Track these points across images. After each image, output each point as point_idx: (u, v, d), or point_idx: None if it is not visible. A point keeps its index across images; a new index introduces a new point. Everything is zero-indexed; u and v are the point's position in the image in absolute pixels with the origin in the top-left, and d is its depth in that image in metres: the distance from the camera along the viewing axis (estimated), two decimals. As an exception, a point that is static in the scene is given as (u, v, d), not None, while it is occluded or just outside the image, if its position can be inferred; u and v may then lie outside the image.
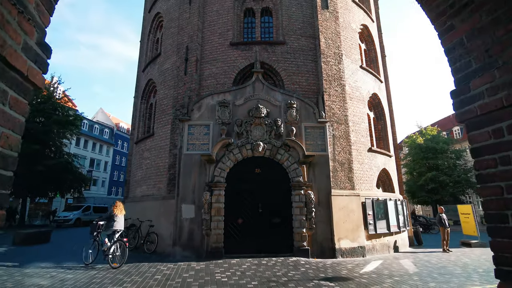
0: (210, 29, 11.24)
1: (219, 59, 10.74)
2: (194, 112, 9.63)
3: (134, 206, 10.99)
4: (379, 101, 12.54)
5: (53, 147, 23.12)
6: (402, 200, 11.51)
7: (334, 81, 10.41)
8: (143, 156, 11.44)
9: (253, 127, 9.30)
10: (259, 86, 9.88)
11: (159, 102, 11.47)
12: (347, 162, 9.70)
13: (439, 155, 28.19)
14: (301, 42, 10.91)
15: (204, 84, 10.56)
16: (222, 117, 9.39)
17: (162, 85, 11.56)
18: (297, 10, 11.27)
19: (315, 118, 9.63)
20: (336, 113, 10.07)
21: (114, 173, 45.26)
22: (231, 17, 11.24)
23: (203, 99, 9.77)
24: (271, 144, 9.22)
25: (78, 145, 38.04)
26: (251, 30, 11.63)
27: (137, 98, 13.73)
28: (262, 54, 10.60)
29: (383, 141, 12.36)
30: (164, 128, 10.68)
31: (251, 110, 9.39)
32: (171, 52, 11.58)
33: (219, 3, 11.51)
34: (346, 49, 11.25)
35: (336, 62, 10.66)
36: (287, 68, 10.54)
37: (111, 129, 46.02)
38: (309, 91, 10.31)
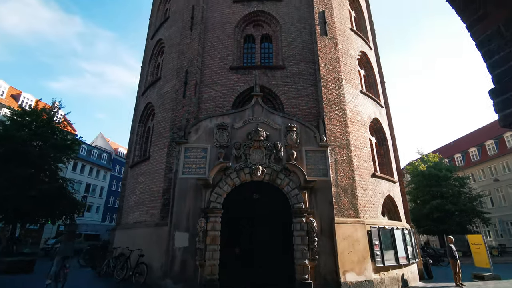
0: (210, 53, 11.35)
1: (219, 83, 10.71)
2: (191, 135, 9.37)
3: (125, 234, 10.36)
4: (380, 126, 12.36)
5: (48, 172, 22.61)
6: (410, 229, 10.89)
7: (335, 105, 10.28)
8: (138, 180, 11.01)
9: (252, 151, 8.98)
10: (258, 109, 9.72)
11: (157, 125, 11.28)
12: (350, 188, 9.27)
13: (442, 182, 27.63)
14: (300, 67, 10.95)
15: (202, 107, 10.43)
16: (220, 140, 9.11)
17: (160, 108, 11.44)
18: (296, 37, 11.45)
19: (316, 142, 9.35)
20: (337, 137, 9.81)
21: (110, 199, 44.19)
22: (231, 43, 11.39)
23: (201, 121, 9.56)
24: (270, 168, 8.85)
25: (74, 169, 37.48)
26: (251, 55, 11.75)
27: (135, 121, 13.57)
28: (262, 78, 10.58)
29: (386, 166, 12.00)
30: (160, 152, 10.37)
31: (250, 133, 9.13)
32: (170, 76, 11.60)
33: (219, 30, 11.73)
34: (346, 74, 11.27)
35: (336, 87, 10.61)
36: (287, 92, 10.46)
37: (110, 154, 45.71)
38: (309, 115, 10.14)
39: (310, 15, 11.78)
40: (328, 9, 12.00)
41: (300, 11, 11.98)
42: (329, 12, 11.96)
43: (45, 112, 22.75)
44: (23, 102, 32.56)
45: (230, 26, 11.72)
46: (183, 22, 12.20)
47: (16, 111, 22.08)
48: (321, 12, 11.75)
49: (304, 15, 11.90)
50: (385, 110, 13.67)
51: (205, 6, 12.18)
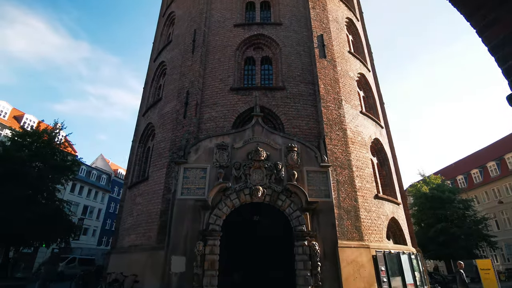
0: (211, 75, 11.52)
1: (219, 103, 10.77)
2: (191, 155, 9.26)
3: (120, 258, 9.95)
4: (381, 147, 12.28)
5: (46, 193, 22.26)
6: (416, 254, 10.46)
7: (335, 125, 10.27)
8: (135, 201, 10.75)
9: (252, 171, 8.83)
10: (258, 129, 9.68)
11: (156, 145, 11.21)
12: (353, 209, 9.01)
13: (446, 205, 27.07)
14: (300, 88, 11.06)
15: (203, 128, 10.41)
16: (220, 160, 8.99)
17: (160, 128, 11.43)
18: (296, 59, 11.68)
19: (317, 162, 9.22)
20: (338, 158, 9.69)
21: (107, 221, 43.26)
22: (232, 65, 11.60)
23: (201, 141, 9.49)
24: (271, 189, 8.64)
25: (73, 191, 37.00)
26: (251, 77, 11.93)
27: (135, 142, 13.52)
28: (262, 98, 10.65)
29: (389, 188, 11.76)
30: (159, 172, 10.21)
31: (250, 153, 9.03)
32: (172, 96, 11.70)
33: (221, 52, 11.99)
34: (345, 95, 11.36)
35: (336, 107, 10.66)
36: (287, 112, 10.49)
37: (109, 175, 45.37)
38: (310, 135, 10.09)
39: (309, 39, 12.09)
40: (326, 32, 12.34)
41: (299, 34, 12.32)
42: (327, 35, 12.29)
43: (46, 133, 22.82)
44: (25, 123, 32.80)
45: (231, 48, 12.00)
46: (185, 45, 12.51)
47: (17, 132, 22.16)
48: (319, 36, 12.07)
49: (303, 39, 12.22)
50: (386, 131, 13.65)
51: (207, 30, 12.55)
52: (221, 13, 13.17)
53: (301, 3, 13.20)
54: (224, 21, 12.87)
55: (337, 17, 13.71)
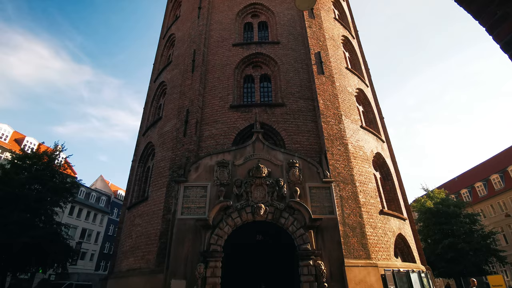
0: (211, 93, 11.61)
1: (219, 121, 10.76)
2: (191, 173, 9.12)
3: (117, 283, 9.55)
4: (383, 161, 12.14)
5: (44, 216, 21.84)
6: (426, 272, 10.05)
7: (336, 140, 10.20)
8: (134, 222, 10.48)
9: (253, 188, 8.65)
10: (259, 145, 9.60)
11: (156, 164, 11.08)
12: (358, 226, 8.74)
13: (452, 219, 26.46)
14: (300, 104, 11.10)
15: (203, 145, 10.34)
16: (220, 178, 8.83)
17: (160, 147, 11.36)
18: (294, 76, 11.81)
19: (319, 178, 9.06)
20: (341, 173, 9.54)
21: (106, 245, 42.20)
22: (232, 83, 11.71)
23: (201, 159, 9.38)
24: (273, 206, 8.43)
25: (71, 214, 36.39)
26: (250, 94, 12.01)
27: (135, 161, 13.41)
28: (262, 115, 10.66)
29: (394, 203, 11.51)
30: (159, 191, 10.02)
31: (251, 170, 8.89)
32: (172, 115, 11.73)
33: (220, 71, 12.15)
34: (345, 110, 11.38)
35: (336, 122, 10.64)
36: (287, 128, 10.46)
37: (108, 196, 44.82)
38: (311, 151, 10.00)
39: (307, 56, 12.29)
40: (323, 50, 12.56)
41: (296, 52, 12.54)
42: (325, 52, 12.50)
43: (46, 155, 22.75)
44: (26, 146, 32.83)
45: (230, 67, 12.17)
46: (185, 65, 12.70)
47: (17, 155, 22.09)
48: (317, 53, 12.28)
49: (300, 56, 12.43)
50: (387, 145, 13.57)
51: (206, 50, 12.79)
52: (219, 34, 13.48)
53: (298, 22, 13.55)
54: (222, 41, 13.16)
55: (333, 35, 14.02)
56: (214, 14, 14.37)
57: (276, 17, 13.82)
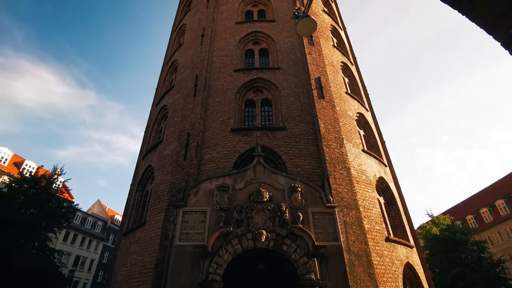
0: (212, 117, 11.66)
1: (220, 144, 10.70)
2: (190, 198, 8.89)
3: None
4: (387, 186, 11.91)
5: (37, 242, 21.12)
6: (437, 304, 9.46)
7: (338, 164, 10.06)
8: (130, 249, 10.05)
9: (254, 213, 8.37)
10: (260, 169, 9.45)
11: (155, 188, 10.86)
12: (364, 254, 8.34)
13: (459, 247, 25.54)
14: (301, 128, 11.10)
15: (203, 169, 10.19)
16: (220, 203, 8.58)
17: (160, 170, 11.20)
18: (295, 100, 11.93)
19: (322, 202, 8.81)
20: (344, 197, 9.30)
21: (99, 273, 40.52)
22: (233, 107, 11.81)
23: (201, 183, 9.19)
24: (275, 232, 8.11)
25: (65, 240, 35.32)
26: (251, 118, 12.06)
27: (134, 185, 13.17)
28: (263, 138, 10.62)
29: (400, 229, 11.12)
30: (157, 217, 9.71)
31: (252, 194, 8.67)
32: (172, 138, 11.69)
33: (221, 95, 12.30)
34: (346, 134, 11.35)
35: (338, 146, 10.56)
36: (289, 152, 10.36)
37: (105, 222, 43.76)
38: (313, 174, 9.83)
39: (307, 81, 12.50)
40: (323, 75, 12.80)
41: (297, 77, 12.78)
42: (325, 78, 12.73)
43: (44, 178, 22.50)
44: (24, 169, 32.60)
45: (231, 92, 12.34)
46: (187, 89, 12.89)
47: (15, 178, 21.85)
48: (317, 78, 12.50)
49: (301, 81, 12.64)
50: (389, 169, 13.39)
51: (208, 75, 13.04)
52: (221, 60, 13.83)
53: (298, 49, 13.95)
54: (224, 67, 13.46)
55: (333, 61, 14.38)
56: (216, 41, 14.85)
57: (276, 44, 14.26)
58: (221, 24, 15.77)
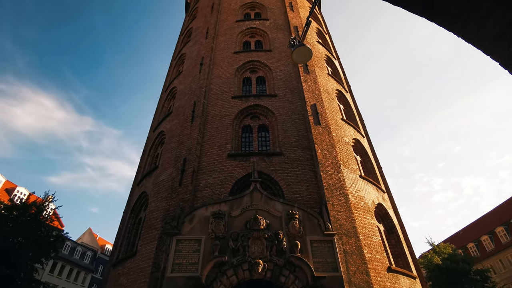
0: (209, 142, 11.65)
1: (216, 170, 10.59)
2: (185, 225, 8.60)
3: None
4: (386, 212, 11.70)
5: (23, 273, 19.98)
6: None
7: (336, 190, 9.93)
8: (118, 282, 9.51)
9: (251, 242, 8.07)
10: (257, 195, 9.27)
11: (149, 215, 10.54)
12: (366, 285, 7.96)
13: (462, 277, 24.67)
14: (297, 153, 11.09)
15: (199, 195, 9.98)
16: (215, 230, 8.30)
17: (154, 197, 10.94)
18: (291, 126, 12.04)
19: (320, 230, 8.56)
20: (343, 225, 9.06)
21: (86, 309, 38.11)
22: (230, 132, 11.86)
23: (196, 210, 8.95)
24: (272, 262, 7.77)
25: (52, 271, 33.55)
26: (248, 143, 12.08)
27: (126, 212, 12.79)
28: (260, 164, 10.55)
29: (401, 258, 10.74)
30: (149, 246, 9.32)
31: (249, 221, 8.42)
32: (168, 164, 11.57)
33: (219, 121, 12.40)
34: (343, 160, 11.34)
35: (335, 172, 10.50)
36: (286, 178, 10.26)
37: (94, 252, 41.95)
38: (310, 201, 9.66)
39: (303, 108, 12.71)
40: (319, 102, 13.06)
41: (293, 104, 13.00)
42: (320, 105, 12.97)
43: (35, 205, 21.84)
44: (16, 196, 31.78)
45: (229, 118, 12.45)
46: (185, 115, 13.00)
47: (5, 205, 21.18)
48: (313, 105, 12.73)
49: (297, 108, 12.85)
50: (388, 196, 13.23)
51: (206, 102, 13.24)
52: (219, 87, 14.13)
53: (294, 77, 14.35)
54: (222, 94, 13.71)
55: (328, 89, 14.75)
56: (215, 69, 15.26)
57: (273, 72, 14.68)
58: (219, 54, 16.30)
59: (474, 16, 1.24)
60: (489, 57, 1.30)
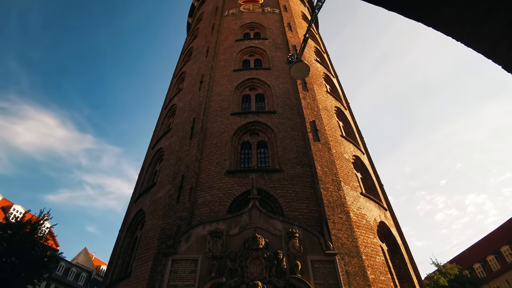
0: (208, 159, 11.54)
1: (215, 187, 10.41)
2: (181, 244, 8.32)
3: None
4: (388, 231, 11.38)
5: (16, 294, 19.21)
6: None
7: (337, 207, 9.70)
8: (111, 305, 9.10)
9: (249, 262, 7.77)
10: (256, 213, 9.04)
11: (145, 234, 10.24)
12: (370, 309, 7.58)
13: (471, 300, 23.79)
14: (297, 170, 10.95)
15: (196, 213, 9.75)
16: (213, 250, 8.01)
17: (151, 215, 10.69)
18: (291, 142, 11.97)
19: (321, 249, 8.27)
20: (345, 244, 8.77)
21: (78, 334, 36.41)
22: (229, 149, 11.78)
23: (193, 228, 8.69)
24: (271, 284, 7.43)
25: (45, 293, 32.32)
26: (247, 160, 11.96)
27: (122, 231, 12.46)
28: (259, 181, 10.39)
29: (407, 280, 10.33)
30: (144, 266, 8.98)
31: (247, 240, 8.14)
32: (166, 181, 11.41)
33: (218, 138, 12.36)
34: (343, 177, 11.18)
35: (335, 189, 10.31)
36: (285, 195, 10.06)
37: (89, 273, 40.66)
38: (311, 219, 9.41)
39: (302, 124, 12.70)
40: (318, 119, 13.07)
41: (292, 121, 13.01)
42: (319, 121, 12.97)
43: (30, 224, 21.39)
44: (12, 214, 31.26)
45: (228, 134, 12.42)
46: (184, 132, 12.98)
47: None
48: (312, 122, 12.73)
49: (296, 125, 12.84)
50: (390, 214, 12.94)
51: (205, 118, 13.26)
52: (219, 104, 14.20)
53: (293, 94, 14.46)
54: (221, 111, 13.76)
55: (327, 106, 14.82)
56: (214, 87, 15.42)
57: (272, 90, 14.81)
58: (219, 72, 16.54)
59: (472, 19, 1.20)
60: (492, 61, 1.24)
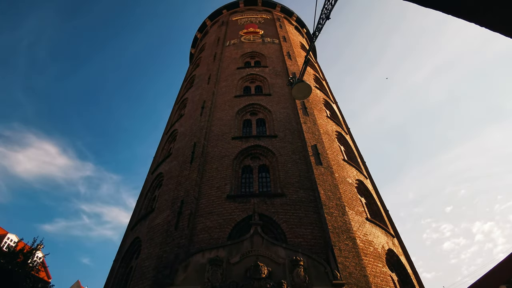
0: (208, 183, 11.29)
1: (215, 212, 10.06)
2: (179, 274, 7.83)
3: None
4: (398, 259, 10.80)
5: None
6: None
7: (342, 233, 9.28)
8: None
9: (251, 293, 7.26)
10: (258, 240, 8.63)
11: (140, 263, 9.72)
12: None
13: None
14: (300, 194, 10.65)
15: (195, 240, 9.31)
16: (212, 280, 7.52)
17: (148, 243, 10.22)
18: (293, 166, 11.78)
19: (328, 279, 7.75)
20: (352, 273, 8.25)
21: None
22: (230, 173, 11.56)
23: (191, 256, 8.24)
24: (275, 318, 6.87)
25: (32, 331, 30.20)
26: (249, 184, 11.69)
27: (117, 261, 11.85)
28: (261, 206, 10.05)
29: (420, 313, 9.60)
30: (138, 299, 8.40)
31: (249, 269, 7.68)
32: (165, 207, 11.06)
33: (218, 162, 12.19)
34: (348, 201, 10.85)
35: (340, 214, 9.95)
36: (288, 220, 9.67)
37: (82, 308, 38.41)
38: (315, 245, 8.95)
39: (304, 148, 12.59)
40: (319, 143, 12.99)
41: (293, 145, 12.92)
42: (321, 145, 12.88)
43: (22, 253, 20.57)
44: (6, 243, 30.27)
45: (228, 158, 12.27)
46: (184, 156, 12.85)
47: (-9, 254, 19.93)
48: (313, 146, 12.63)
49: (298, 148, 12.73)
50: (397, 241, 12.38)
51: (206, 143, 13.19)
52: (220, 129, 14.22)
53: (293, 119, 14.52)
54: (222, 135, 13.73)
55: (327, 130, 14.82)
56: (215, 112, 15.55)
57: (273, 114, 14.90)
58: (220, 97, 16.78)
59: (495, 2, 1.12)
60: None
